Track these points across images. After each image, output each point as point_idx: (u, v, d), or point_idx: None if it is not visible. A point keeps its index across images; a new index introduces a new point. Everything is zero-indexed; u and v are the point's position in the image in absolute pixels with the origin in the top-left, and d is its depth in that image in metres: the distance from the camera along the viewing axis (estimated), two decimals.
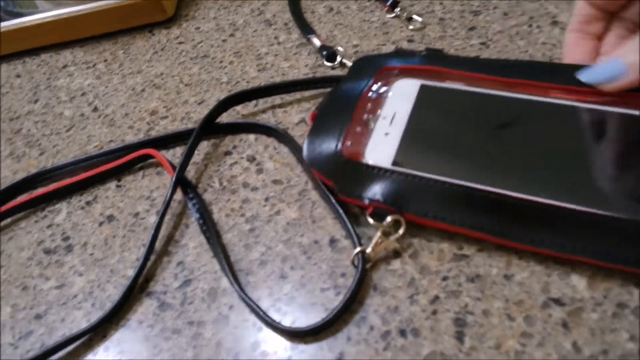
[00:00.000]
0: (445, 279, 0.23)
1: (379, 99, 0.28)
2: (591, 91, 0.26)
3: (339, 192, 0.25)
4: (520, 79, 0.27)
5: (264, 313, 0.23)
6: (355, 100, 0.28)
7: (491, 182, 0.24)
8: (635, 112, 0.25)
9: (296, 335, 0.23)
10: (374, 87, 0.29)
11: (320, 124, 0.27)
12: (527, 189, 0.23)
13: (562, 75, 0.27)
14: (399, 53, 0.31)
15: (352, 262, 0.25)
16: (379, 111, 0.28)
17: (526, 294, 0.22)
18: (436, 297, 0.23)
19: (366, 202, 0.24)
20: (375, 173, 0.25)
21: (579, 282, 0.22)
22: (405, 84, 0.29)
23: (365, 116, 0.27)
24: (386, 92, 0.29)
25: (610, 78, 0.25)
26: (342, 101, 0.28)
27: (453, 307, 0.22)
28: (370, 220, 0.24)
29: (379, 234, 0.24)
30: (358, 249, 0.24)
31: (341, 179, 0.25)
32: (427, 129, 0.27)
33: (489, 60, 0.30)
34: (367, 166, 0.25)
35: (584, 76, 0.26)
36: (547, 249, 0.22)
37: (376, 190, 0.24)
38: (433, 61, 0.29)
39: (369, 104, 0.28)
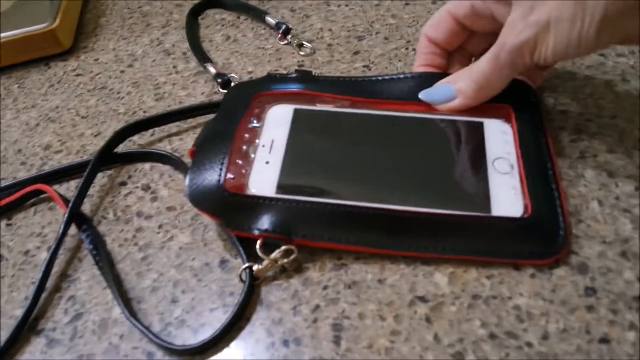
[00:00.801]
0: (325, 288, 0.25)
1: (256, 128, 0.30)
2: None
3: (227, 227, 0.26)
4: (381, 98, 0.30)
5: (154, 335, 0.24)
6: (232, 131, 0.29)
7: (364, 197, 0.26)
8: (476, 120, 0.29)
9: (185, 353, 0.24)
10: (250, 117, 0.30)
11: (200, 160, 0.28)
12: (396, 200, 0.26)
13: (416, 92, 0.30)
14: (271, 78, 0.33)
15: (240, 277, 0.26)
16: (257, 140, 0.29)
17: (396, 295, 0.25)
18: (317, 306, 0.25)
19: (255, 233, 0.25)
20: (260, 203, 0.26)
21: (441, 280, 0.25)
22: (279, 109, 0.31)
23: (244, 147, 0.29)
24: (262, 119, 0.30)
25: (442, 100, 0.29)
26: (220, 134, 0.29)
27: (332, 314, 0.24)
28: (260, 253, 0.25)
29: (267, 261, 0.25)
30: (245, 264, 0.25)
31: (228, 214, 0.26)
32: (305, 153, 0.28)
33: (354, 79, 0.32)
34: (252, 197, 0.26)
35: (422, 95, 0.30)
36: (415, 252, 0.25)
37: (264, 221, 0.26)
38: (304, 84, 0.31)
39: (247, 134, 0.29)
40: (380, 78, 0.32)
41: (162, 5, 0.46)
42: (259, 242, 0.25)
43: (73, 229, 0.29)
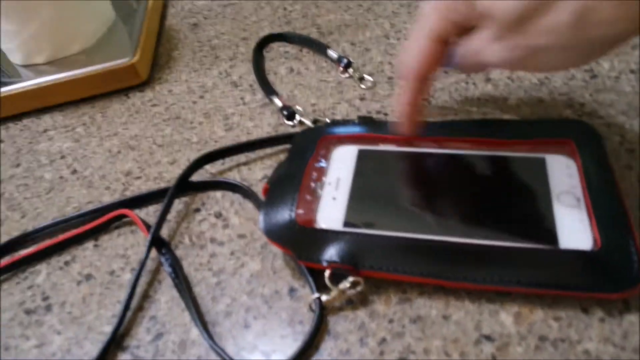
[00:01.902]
0: (391, 321, 0.26)
1: (323, 167, 0.32)
2: (505, 142, 0.30)
3: (298, 258, 0.28)
4: (440, 136, 0.32)
5: (231, 359, 0.25)
6: (302, 171, 0.31)
7: (429, 231, 0.27)
8: (539, 155, 0.30)
9: None
10: (317, 157, 0.32)
11: (273, 197, 0.30)
12: (461, 233, 0.27)
13: (481, 129, 0.32)
14: (334, 123, 0.35)
15: (310, 307, 0.27)
16: (324, 178, 0.31)
17: (461, 332, 0.25)
18: (383, 339, 0.26)
19: (324, 264, 0.27)
20: (328, 236, 0.28)
21: (506, 319, 0.25)
22: (344, 150, 0.33)
23: (313, 184, 0.31)
24: (328, 160, 0.32)
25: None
26: (290, 173, 0.31)
27: (398, 348, 0.25)
28: (328, 283, 0.27)
29: (335, 292, 0.26)
30: (316, 295, 0.27)
31: (298, 246, 0.28)
32: (369, 190, 0.30)
33: None
34: (321, 230, 0.28)
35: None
36: (485, 285, 0.25)
37: (332, 252, 0.27)
38: (366, 127, 0.33)
39: (314, 173, 0.31)
40: (435, 121, 0.33)
41: (229, 39, 0.49)
42: (327, 272, 0.27)
43: (153, 253, 0.32)
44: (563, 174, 0.29)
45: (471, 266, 0.26)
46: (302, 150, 0.33)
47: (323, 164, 0.32)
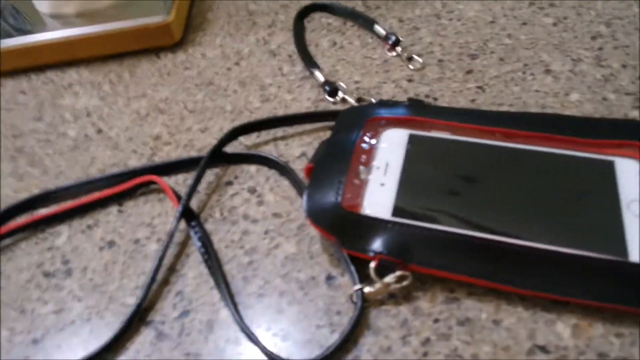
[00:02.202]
0: (436, 321, 0.24)
1: (371, 150, 0.29)
2: (569, 139, 0.28)
3: (342, 245, 0.26)
4: (502, 127, 0.29)
5: (262, 345, 0.24)
6: (349, 152, 0.29)
7: (485, 229, 0.25)
8: (607, 158, 0.27)
9: None
10: (365, 138, 0.30)
11: (317, 178, 0.28)
12: (520, 234, 0.25)
13: (544, 123, 0.29)
14: (382, 103, 0.32)
15: (350, 298, 0.25)
16: (372, 162, 0.29)
17: (513, 340, 0.23)
18: (427, 339, 0.24)
19: (371, 254, 0.25)
20: (376, 225, 0.25)
21: (564, 331, 0.23)
22: (394, 133, 0.30)
23: (360, 167, 0.28)
24: (377, 142, 0.30)
25: None
26: (337, 153, 0.29)
27: (443, 350, 0.23)
28: (374, 275, 0.25)
29: (379, 285, 0.25)
30: (358, 286, 0.25)
31: (343, 232, 0.26)
32: (420, 178, 0.28)
33: (467, 110, 0.32)
34: (368, 218, 0.26)
35: None
36: (542, 292, 0.23)
37: (379, 243, 0.25)
38: (416, 111, 0.31)
39: (362, 155, 0.29)
40: (490, 111, 0.31)
41: (268, 5, 0.46)
42: (373, 263, 0.25)
43: (182, 224, 0.30)
44: (634, 181, 0.26)
45: (528, 271, 0.24)
46: (348, 130, 0.30)
47: (371, 146, 0.30)
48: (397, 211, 0.26)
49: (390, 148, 0.29)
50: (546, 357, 0.23)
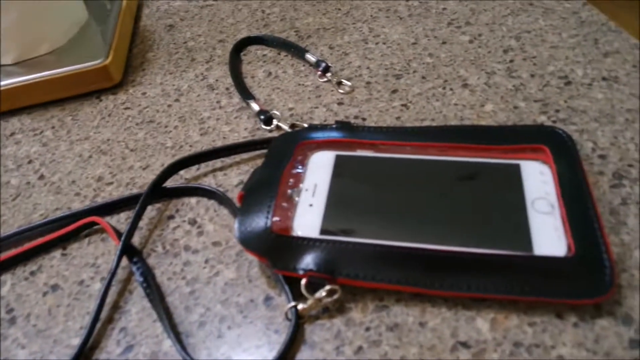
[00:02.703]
0: (368, 329, 0.26)
1: (300, 173, 0.31)
2: (480, 147, 0.31)
3: (274, 267, 0.27)
4: (419, 141, 0.32)
5: None
6: (278, 177, 0.30)
7: (406, 238, 0.27)
8: (513, 162, 0.30)
9: None
10: (294, 163, 0.32)
11: (248, 204, 0.29)
12: (437, 240, 0.27)
13: (458, 135, 0.32)
14: (312, 128, 0.34)
15: (286, 315, 0.27)
16: (300, 184, 0.31)
17: (438, 339, 0.25)
18: (360, 348, 0.25)
19: (300, 272, 0.26)
20: (305, 244, 0.27)
21: (483, 325, 0.25)
22: (321, 156, 0.32)
23: (289, 191, 0.30)
24: (305, 165, 0.32)
25: None
26: (266, 179, 0.31)
27: (374, 356, 0.25)
28: (305, 292, 0.26)
29: (311, 300, 0.26)
30: (292, 303, 0.26)
31: (274, 254, 0.27)
32: (346, 196, 0.30)
33: (390, 128, 0.34)
34: (297, 238, 0.27)
35: None
36: (461, 291, 0.25)
37: (308, 260, 0.27)
38: (344, 133, 0.33)
39: (291, 179, 0.31)
40: (411, 127, 0.33)
41: (205, 41, 0.48)
42: (304, 281, 0.26)
43: (124, 262, 0.31)
44: (538, 180, 0.29)
45: (447, 273, 0.26)
46: (279, 156, 0.32)
47: (300, 169, 0.32)
48: (324, 229, 0.28)
49: (318, 170, 0.31)
50: (468, 352, 0.24)
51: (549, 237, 0.26)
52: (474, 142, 0.31)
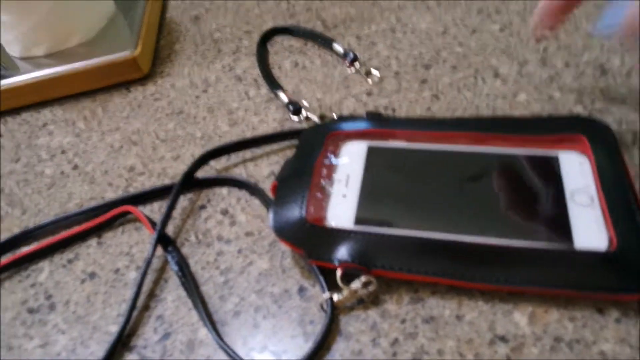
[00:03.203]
0: (403, 321, 0.26)
1: (332, 164, 0.31)
2: (516, 138, 0.30)
3: (309, 257, 0.27)
4: (453, 132, 0.31)
5: (241, 359, 0.25)
6: (310, 168, 0.30)
7: (442, 229, 0.27)
8: (551, 153, 0.29)
9: None
10: (326, 153, 0.32)
11: (282, 194, 0.29)
12: (475, 231, 0.26)
13: (492, 125, 0.31)
14: (342, 119, 0.34)
15: (321, 306, 0.27)
16: (333, 175, 0.30)
17: (475, 333, 0.25)
18: (396, 340, 0.25)
19: (336, 263, 0.26)
20: (339, 235, 0.27)
21: (521, 319, 0.25)
22: (353, 146, 0.32)
23: (322, 182, 0.30)
24: (337, 156, 0.32)
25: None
26: (299, 170, 0.31)
27: (410, 349, 0.25)
28: (340, 283, 0.26)
29: (347, 292, 0.26)
30: (327, 294, 0.26)
31: (309, 245, 0.27)
32: (379, 187, 0.29)
33: (421, 118, 0.34)
34: (331, 229, 0.27)
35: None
36: (499, 284, 0.25)
37: (343, 251, 0.27)
38: (374, 123, 0.33)
39: (324, 170, 0.31)
40: (443, 118, 0.33)
41: (231, 32, 0.48)
42: (339, 271, 0.26)
43: (159, 251, 0.31)
44: (576, 172, 0.28)
45: (485, 266, 0.25)
46: (311, 147, 0.32)
47: (332, 160, 0.32)
48: (358, 220, 0.28)
49: (350, 161, 0.31)
50: (506, 346, 0.24)
51: (590, 230, 0.26)
52: (509, 132, 0.31)
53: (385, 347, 0.25)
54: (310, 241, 0.27)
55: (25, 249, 0.33)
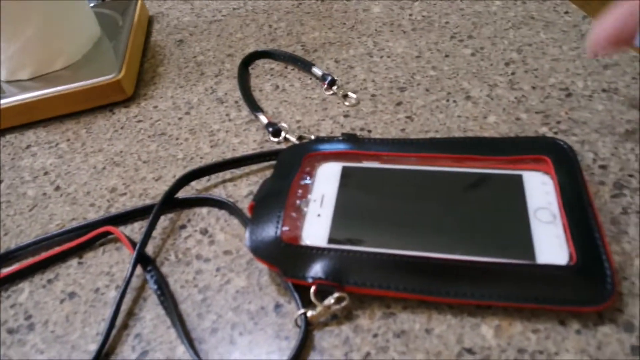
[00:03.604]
0: (375, 336, 0.27)
1: (308, 184, 0.32)
2: (483, 158, 0.32)
3: (284, 275, 0.28)
4: (424, 152, 0.33)
5: None
6: (287, 188, 0.32)
7: (411, 247, 0.28)
8: (516, 172, 0.31)
9: None
10: (302, 174, 0.33)
11: (259, 214, 0.30)
12: (442, 248, 0.27)
13: (462, 146, 0.33)
14: (319, 140, 0.35)
15: (295, 322, 0.27)
16: (308, 195, 0.32)
17: (444, 346, 0.26)
18: (368, 354, 0.26)
19: (309, 280, 0.27)
20: (313, 253, 0.28)
21: (487, 332, 0.26)
22: (328, 167, 0.33)
23: (298, 201, 0.31)
24: (313, 176, 0.33)
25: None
26: (275, 191, 0.32)
27: None
28: (314, 299, 0.27)
29: (320, 308, 0.27)
30: (301, 310, 0.27)
31: (284, 263, 0.28)
32: (352, 206, 0.31)
33: (395, 139, 0.35)
34: (306, 247, 0.28)
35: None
36: (465, 299, 0.26)
37: (317, 269, 0.27)
38: (350, 144, 0.34)
39: (299, 190, 0.32)
40: (416, 139, 0.34)
41: (214, 55, 0.50)
42: (313, 288, 0.27)
43: (138, 270, 0.32)
44: (540, 190, 0.30)
45: (452, 281, 0.26)
46: (288, 167, 0.33)
47: (308, 180, 0.33)
48: (332, 238, 0.29)
49: (325, 181, 0.32)
50: (473, 358, 0.25)
51: (551, 245, 0.27)
52: (477, 153, 0.32)
53: None
54: (285, 260, 0.28)
55: (5, 270, 0.33)
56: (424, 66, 0.43)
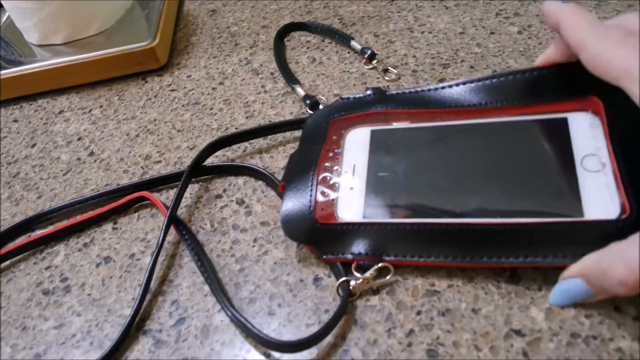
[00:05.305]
0: (419, 313, 0.26)
1: (336, 155, 0.31)
2: (521, 106, 0.29)
3: (323, 255, 0.27)
4: (457, 107, 0.30)
5: (258, 330, 0.25)
6: (315, 162, 0.30)
7: (451, 214, 0.26)
8: (559, 115, 0.27)
9: (286, 347, 0.24)
10: (329, 144, 0.31)
11: (290, 194, 0.29)
12: (484, 213, 0.26)
13: (496, 95, 0.30)
14: (344, 101, 0.33)
15: (337, 291, 0.27)
16: (338, 167, 0.30)
17: (491, 326, 0.25)
18: (411, 331, 0.25)
19: (350, 257, 0.26)
20: (349, 229, 0.27)
21: (537, 315, 0.25)
22: (356, 133, 0.31)
23: (328, 175, 0.30)
24: (341, 145, 0.31)
25: (576, 300, 0.24)
26: (303, 166, 0.30)
27: (426, 340, 0.25)
28: (356, 274, 0.26)
29: (362, 278, 0.26)
30: (342, 278, 0.26)
31: (322, 243, 0.27)
32: (386, 174, 0.29)
33: (425, 94, 0.32)
34: (341, 225, 0.27)
35: (552, 300, 0.25)
36: (506, 263, 0.25)
37: (356, 245, 0.27)
38: (377, 104, 0.32)
39: (328, 163, 0.30)
40: (448, 85, 0.31)
41: (249, 27, 0.49)
42: (353, 264, 0.26)
43: (175, 237, 0.31)
44: (586, 135, 0.26)
45: (497, 247, 0.25)
46: (313, 139, 0.32)
47: (336, 151, 0.31)
48: (367, 212, 0.28)
49: (354, 149, 0.31)
50: (522, 340, 0.24)
51: (601, 198, 0.24)
52: (515, 99, 0.29)
53: (400, 337, 0.25)
54: (322, 239, 0.27)
55: (40, 232, 0.33)
56: (468, 42, 0.42)
